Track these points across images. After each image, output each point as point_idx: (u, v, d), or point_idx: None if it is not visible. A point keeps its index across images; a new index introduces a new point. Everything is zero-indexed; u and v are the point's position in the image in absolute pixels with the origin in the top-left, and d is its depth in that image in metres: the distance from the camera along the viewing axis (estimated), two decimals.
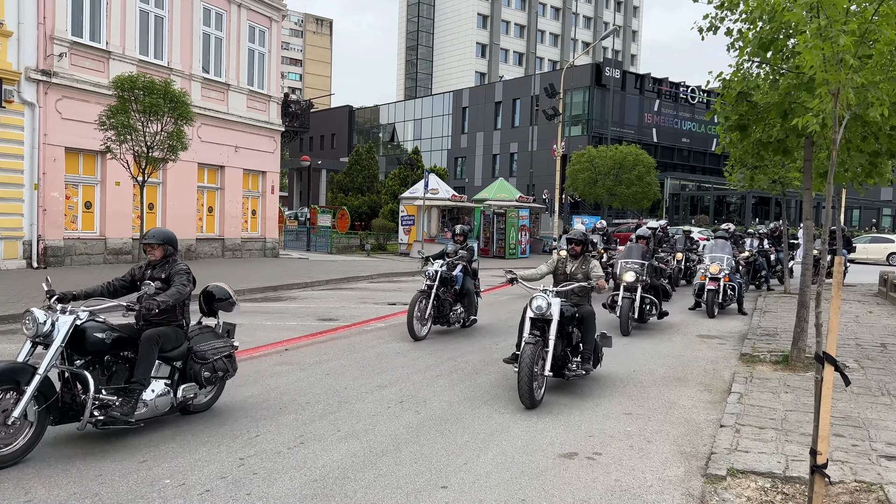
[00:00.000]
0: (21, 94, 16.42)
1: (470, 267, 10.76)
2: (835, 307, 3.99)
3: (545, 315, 6.66)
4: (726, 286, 13.18)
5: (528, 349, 6.37)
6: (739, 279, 13.93)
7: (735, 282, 13.42)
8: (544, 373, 6.54)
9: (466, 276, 10.51)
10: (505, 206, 30.67)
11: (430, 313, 9.94)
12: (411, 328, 9.56)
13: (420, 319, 9.79)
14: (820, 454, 3.95)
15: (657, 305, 11.30)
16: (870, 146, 7.18)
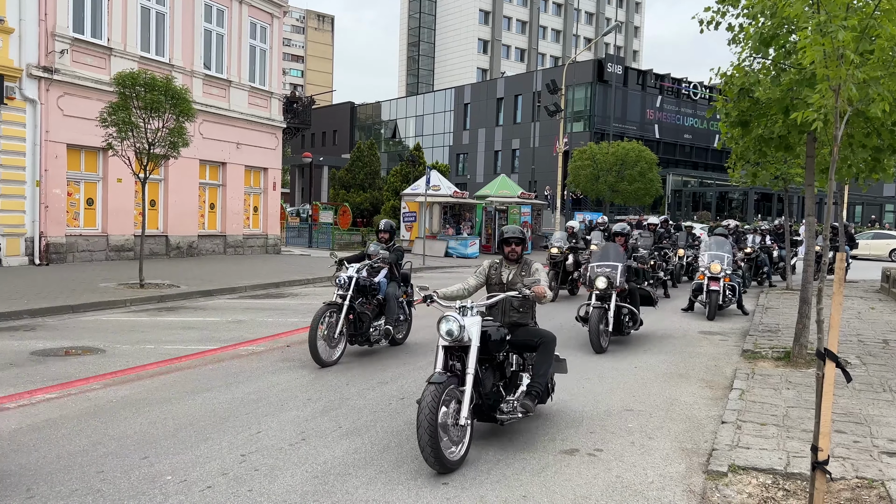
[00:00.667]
0: (23, 91, 16.43)
1: (398, 271, 9.04)
2: (836, 303, 3.98)
3: (461, 341, 5.02)
4: (726, 286, 12.55)
5: (430, 393, 4.65)
6: (739, 278, 13.41)
7: (735, 281, 12.88)
8: (460, 421, 4.84)
9: (392, 283, 8.82)
10: (507, 203, 30.66)
11: (343, 330, 8.00)
12: (315, 352, 7.59)
13: (328, 339, 7.83)
14: (821, 450, 3.95)
15: (636, 315, 9.74)
16: (872, 142, 7.16)
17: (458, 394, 4.90)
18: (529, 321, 5.91)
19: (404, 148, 61.18)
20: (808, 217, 8.61)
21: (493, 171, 55.49)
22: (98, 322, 10.52)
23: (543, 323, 9.50)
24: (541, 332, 5.79)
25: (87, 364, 7.74)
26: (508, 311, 5.82)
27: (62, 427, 5.52)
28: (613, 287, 9.26)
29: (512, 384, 5.59)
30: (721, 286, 12.35)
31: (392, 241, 9.11)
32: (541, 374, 5.55)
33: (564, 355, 6.79)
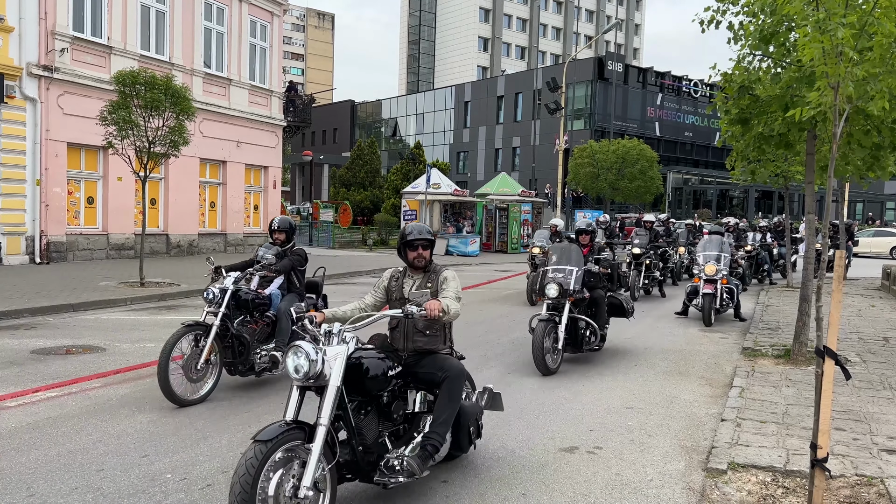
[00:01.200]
0: (23, 90, 16.44)
1: (299, 281, 7.32)
2: (836, 301, 3.98)
3: (318, 379, 3.71)
4: (723, 289, 11.63)
5: (248, 458, 3.39)
6: (737, 281, 12.48)
7: (732, 284, 11.90)
8: (300, 493, 3.44)
9: (290, 296, 7.11)
10: (507, 201, 30.66)
11: (211, 359, 6.34)
12: (166, 386, 5.91)
13: (189, 370, 6.14)
14: (820, 448, 3.95)
15: (596, 328, 8.14)
16: (871, 140, 7.16)
17: (304, 453, 3.59)
18: (440, 347, 4.57)
19: (405, 146, 61.17)
20: (808, 215, 8.60)
21: (494, 169, 55.48)
22: (98, 321, 10.53)
23: (514, 333, 9.41)
24: (446, 365, 4.41)
25: (88, 362, 7.75)
26: (412, 334, 4.48)
27: (62, 425, 5.53)
28: (567, 295, 7.77)
29: (412, 430, 4.38)
30: (717, 289, 11.44)
31: (291, 243, 7.28)
32: (440, 423, 4.23)
33: None
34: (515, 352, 8.82)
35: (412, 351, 4.52)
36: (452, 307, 4.35)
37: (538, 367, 7.45)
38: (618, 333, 9.78)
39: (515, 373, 7.72)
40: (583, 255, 8.31)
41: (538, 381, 7.34)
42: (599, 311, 8.36)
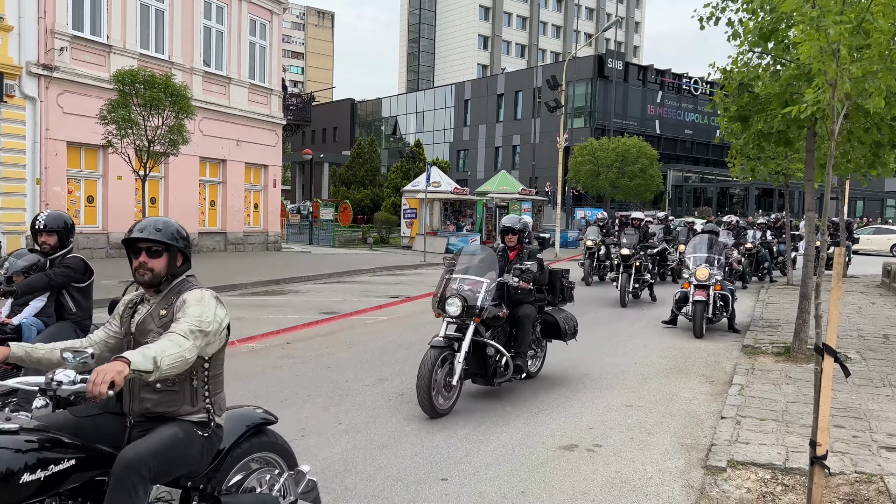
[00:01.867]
0: (22, 89, 16.43)
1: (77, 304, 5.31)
2: (835, 298, 3.97)
3: None
4: (716, 296, 10.29)
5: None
6: (731, 286, 11.17)
7: (727, 290, 10.51)
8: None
9: (61, 325, 5.22)
10: (507, 199, 30.66)
11: None
12: None
13: None
14: (819, 445, 3.95)
15: (507, 357, 6.39)
16: (871, 137, 7.15)
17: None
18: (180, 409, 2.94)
19: (405, 144, 61.15)
20: (808, 212, 8.60)
21: (494, 167, 55.46)
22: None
23: None
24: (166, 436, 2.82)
25: None
26: (138, 391, 2.92)
27: None
28: (472, 314, 6.14)
29: None
30: (710, 296, 10.15)
31: (64, 249, 5.23)
32: None
33: None
34: None
35: (139, 415, 2.94)
36: (163, 357, 2.57)
37: (422, 407, 5.78)
38: (618, 332, 9.78)
39: None
40: (497, 262, 6.67)
41: (538, 379, 7.34)
42: (521, 333, 6.63)
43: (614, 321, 11.43)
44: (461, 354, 6.05)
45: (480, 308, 6.18)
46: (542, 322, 7.18)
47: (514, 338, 6.71)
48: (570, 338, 7.39)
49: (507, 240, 7.03)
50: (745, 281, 17.02)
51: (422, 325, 10.38)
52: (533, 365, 7.17)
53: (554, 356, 7.88)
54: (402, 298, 13.43)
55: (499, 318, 6.44)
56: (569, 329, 7.31)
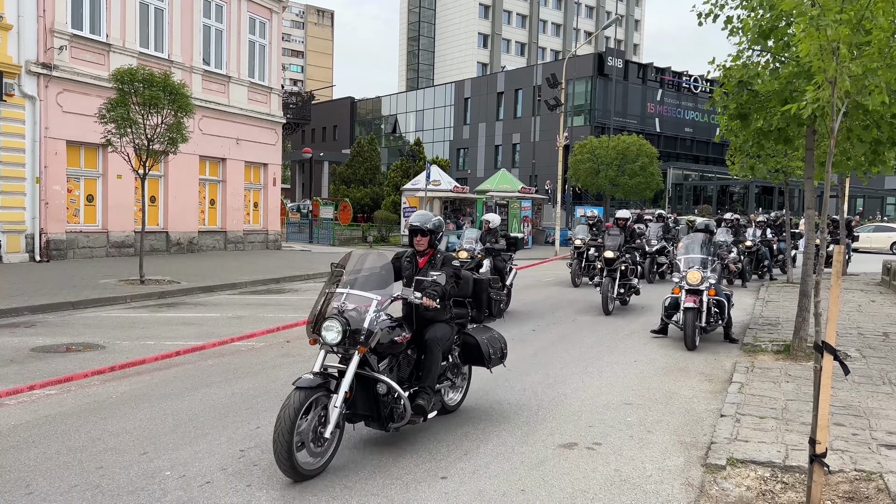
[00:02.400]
0: (22, 88, 16.42)
1: None
2: (834, 296, 3.97)
3: None
4: (710, 302, 9.26)
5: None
6: (728, 291, 10.15)
7: (722, 295, 9.46)
8: None
9: None
10: (507, 198, 30.64)
11: None
12: None
13: None
14: (819, 443, 3.95)
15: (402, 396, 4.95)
16: (871, 135, 7.14)
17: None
18: None
19: (405, 143, 61.10)
20: (807, 210, 8.60)
21: (494, 165, 55.41)
22: (98, 318, 10.53)
23: (515, 329, 9.11)
24: None
25: (87, 360, 7.75)
26: None
27: (62, 423, 5.53)
28: (357, 343, 4.71)
29: None
30: (703, 303, 9.14)
31: None
32: None
33: None
34: (514, 349, 8.81)
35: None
36: None
37: (280, 467, 4.36)
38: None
39: (514, 369, 7.73)
40: (393, 272, 5.43)
41: (537, 377, 7.34)
42: (429, 361, 5.24)
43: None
44: (339, 396, 4.58)
45: (367, 333, 4.69)
46: (462, 344, 5.80)
47: (423, 366, 5.30)
48: (495, 363, 5.94)
49: (415, 243, 5.52)
50: (746, 279, 17.04)
51: None
52: (450, 398, 5.87)
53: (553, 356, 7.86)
54: None
55: (396, 343, 4.98)
56: (494, 353, 5.86)
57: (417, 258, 5.61)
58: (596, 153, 39.40)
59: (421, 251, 5.57)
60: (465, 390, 6.13)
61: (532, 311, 12.05)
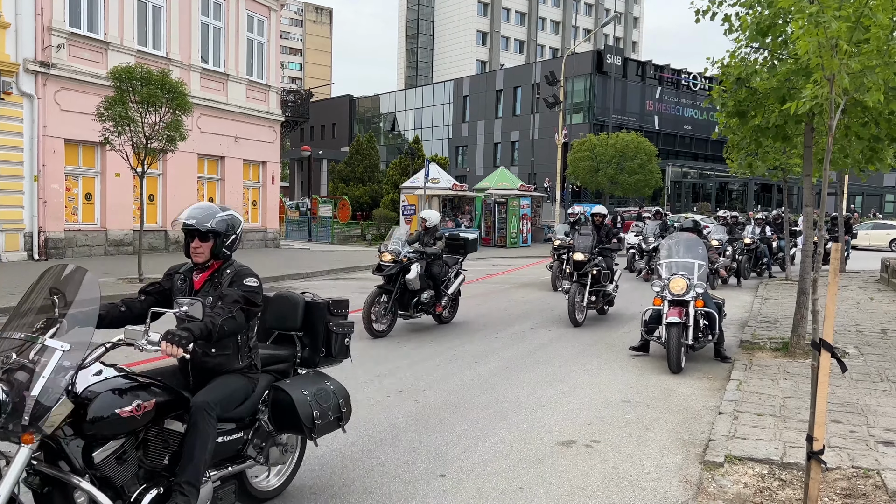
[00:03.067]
0: (20, 86, 16.40)
1: None
2: (831, 294, 3.97)
3: None
4: (698, 315, 7.80)
5: None
6: (720, 299, 8.63)
7: (712, 305, 8.02)
8: None
9: None
10: (506, 195, 30.63)
11: None
12: None
13: None
14: (816, 440, 3.95)
15: None
16: (869, 132, 7.15)
17: None
18: None
19: (403, 141, 61.08)
20: (806, 208, 8.60)
21: (493, 163, 55.42)
22: None
23: (514, 327, 9.02)
24: None
25: None
26: None
27: None
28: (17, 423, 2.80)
29: None
30: (690, 315, 7.67)
31: None
32: None
33: None
34: (514, 346, 8.84)
35: None
36: None
37: None
38: (617, 327, 9.76)
39: (514, 367, 7.74)
40: None
41: (536, 376, 7.35)
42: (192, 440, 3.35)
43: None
44: None
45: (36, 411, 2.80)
46: (272, 402, 3.89)
47: None
48: (323, 431, 4.01)
49: (192, 250, 3.69)
50: (745, 276, 17.04)
51: (418, 322, 10.38)
52: (265, 482, 4.13)
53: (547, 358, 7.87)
54: None
55: (122, 420, 3.08)
56: (320, 415, 3.92)
57: (194, 275, 3.77)
58: (595, 151, 39.42)
59: (200, 264, 3.72)
60: (294, 466, 4.28)
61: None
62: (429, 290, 9.74)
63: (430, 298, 9.75)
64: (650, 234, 17.20)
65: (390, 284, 9.35)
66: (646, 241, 17.02)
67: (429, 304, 9.76)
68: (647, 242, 16.95)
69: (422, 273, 9.50)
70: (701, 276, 8.02)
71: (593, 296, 10.66)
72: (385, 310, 9.32)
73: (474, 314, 11.20)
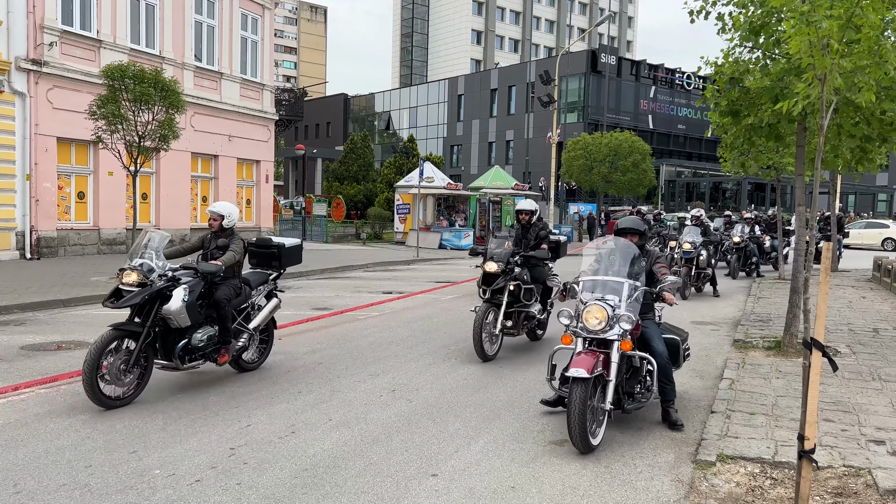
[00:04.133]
0: (11, 84, 16.31)
1: None
2: (822, 293, 3.98)
3: None
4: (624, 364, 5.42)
5: None
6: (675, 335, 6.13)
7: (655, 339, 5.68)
8: None
9: None
10: (501, 194, 30.63)
11: None
12: None
13: None
14: (807, 439, 3.96)
15: None
16: (860, 131, 7.17)
17: None
18: None
19: (398, 140, 61.02)
20: (798, 207, 8.62)
21: (487, 162, 55.42)
22: (89, 316, 10.48)
23: None
24: None
25: (78, 358, 7.68)
26: None
27: (50, 422, 5.50)
28: None
29: None
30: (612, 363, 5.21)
31: None
32: None
33: None
34: (507, 346, 8.83)
35: None
36: None
37: None
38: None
39: (507, 366, 7.73)
40: None
41: (530, 375, 7.34)
42: None
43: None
44: None
45: None
46: None
47: None
48: None
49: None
50: (733, 277, 16.95)
51: (414, 321, 10.37)
52: None
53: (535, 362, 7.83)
54: (394, 294, 13.41)
55: None
56: None
57: None
58: (589, 150, 39.47)
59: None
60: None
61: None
62: None
63: (211, 339, 6.53)
64: None
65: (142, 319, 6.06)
66: None
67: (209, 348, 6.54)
68: None
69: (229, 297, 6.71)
70: (633, 302, 5.35)
71: (510, 319, 8.19)
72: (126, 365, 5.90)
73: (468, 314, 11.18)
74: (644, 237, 6.16)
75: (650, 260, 5.95)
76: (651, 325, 5.78)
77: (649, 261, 5.92)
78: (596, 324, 5.20)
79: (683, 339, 6.25)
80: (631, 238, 5.94)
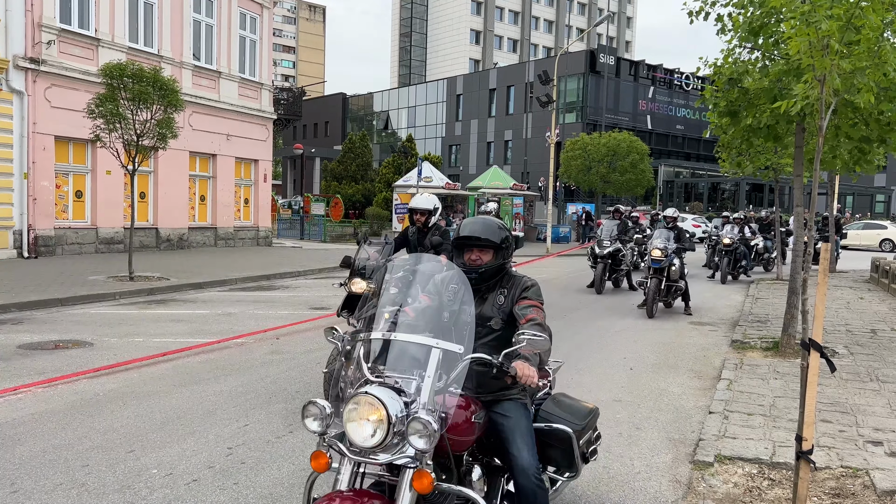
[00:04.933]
0: (9, 83, 16.27)
1: None
2: (821, 294, 3.98)
3: None
4: None
5: None
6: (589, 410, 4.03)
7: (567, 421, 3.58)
8: None
9: None
10: (499, 194, 30.63)
11: None
12: None
13: None
14: (805, 440, 3.96)
15: None
16: (859, 132, 7.17)
17: None
18: None
19: (396, 139, 61.01)
20: (796, 208, 8.63)
21: (486, 162, 55.40)
22: (87, 315, 10.46)
23: None
24: None
25: (75, 357, 7.70)
26: None
27: (48, 421, 5.49)
28: None
29: None
30: None
31: None
32: None
33: None
34: None
35: None
36: None
37: None
38: (608, 327, 9.78)
39: None
40: None
41: None
42: None
43: (605, 318, 11.08)
44: None
45: None
46: None
47: None
48: None
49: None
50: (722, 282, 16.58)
51: None
52: None
53: None
54: None
55: None
56: None
57: None
58: (587, 150, 39.46)
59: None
60: None
61: None
62: None
63: None
64: (605, 237, 14.24)
65: None
66: (600, 244, 14.14)
67: None
68: (601, 247, 14.10)
69: None
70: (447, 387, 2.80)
71: None
72: None
73: None
74: (502, 253, 3.37)
75: (513, 292, 3.31)
76: (515, 409, 3.18)
77: (511, 294, 3.31)
78: (367, 436, 2.60)
79: (585, 427, 3.62)
80: (479, 255, 3.33)
